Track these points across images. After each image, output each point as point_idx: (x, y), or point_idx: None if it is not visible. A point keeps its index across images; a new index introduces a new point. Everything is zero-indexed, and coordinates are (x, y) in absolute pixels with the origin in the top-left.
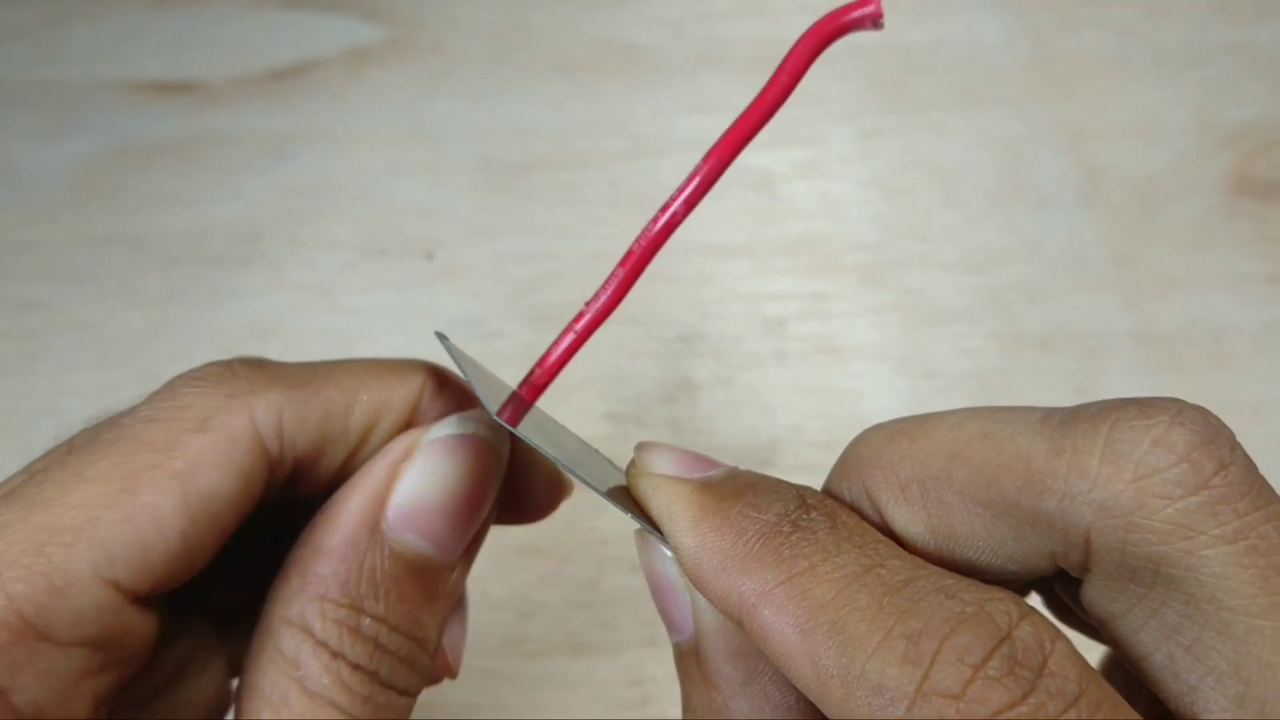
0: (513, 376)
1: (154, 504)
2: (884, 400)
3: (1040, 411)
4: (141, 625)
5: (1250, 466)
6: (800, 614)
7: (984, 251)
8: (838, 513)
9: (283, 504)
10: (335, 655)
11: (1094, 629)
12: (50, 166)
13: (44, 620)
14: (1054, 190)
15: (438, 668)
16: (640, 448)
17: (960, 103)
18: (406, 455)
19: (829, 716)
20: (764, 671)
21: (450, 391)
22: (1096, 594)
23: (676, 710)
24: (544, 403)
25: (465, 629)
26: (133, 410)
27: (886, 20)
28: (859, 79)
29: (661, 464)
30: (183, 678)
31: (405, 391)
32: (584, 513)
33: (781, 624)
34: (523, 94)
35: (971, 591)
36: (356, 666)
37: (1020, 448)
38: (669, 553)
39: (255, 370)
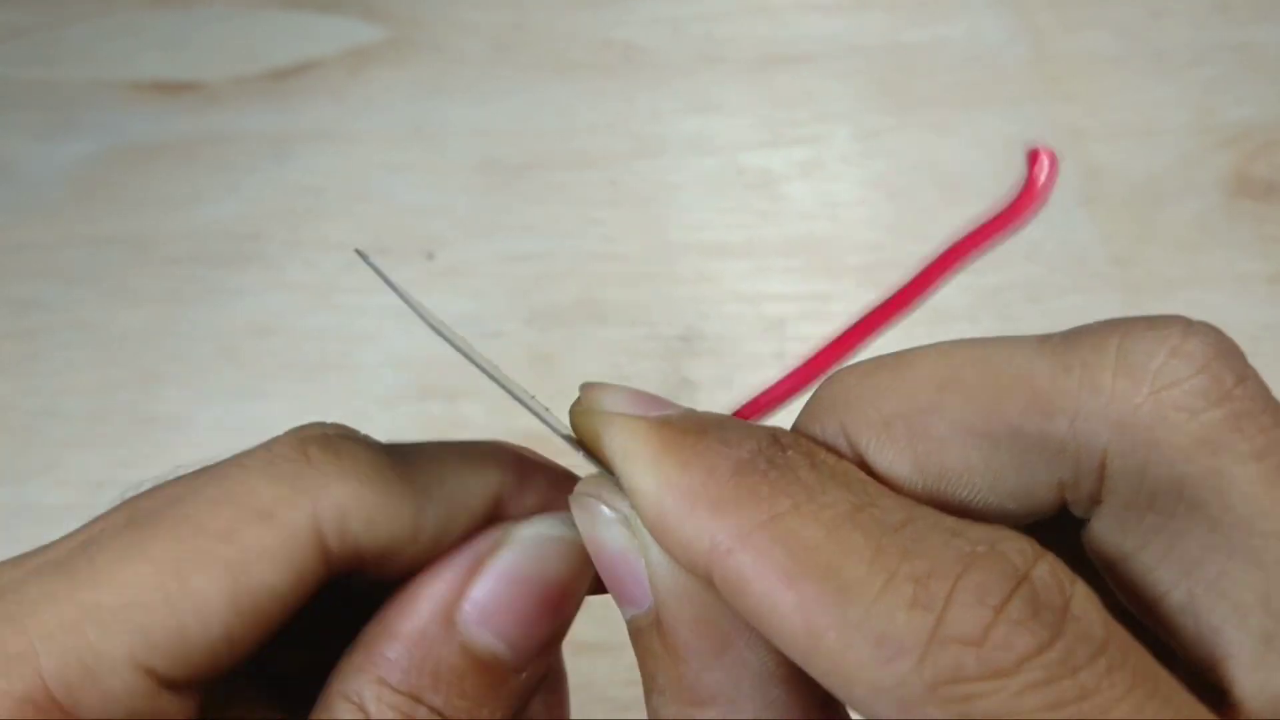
0: (513, 377)
1: (201, 592)
2: None
3: (1033, 337)
4: (173, 711)
5: (1263, 381)
6: (785, 558)
7: (984, 251)
8: (816, 451)
9: (355, 581)
10: None
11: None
12: (50, 166)
13: (71, 699)
14: (1054, 190)
15: None
16: (586, 387)
17: (960, 103)
18: (493, 550)
19: (819, 676)
20: (737, 638)
21: (536, 485)
22: (1106, 529)
23: None
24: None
25: (565, 703)
26: (199, 484)
27: (886, 20)
28: (859, 79)
29: (612, 401)
30: None
31: (482, 490)
32: None
33: (763, 571)
34: (523, 94)
35: (978, 530)
36: None
37: (1021, 368)
38: (610, 512)
39: (330, 458)
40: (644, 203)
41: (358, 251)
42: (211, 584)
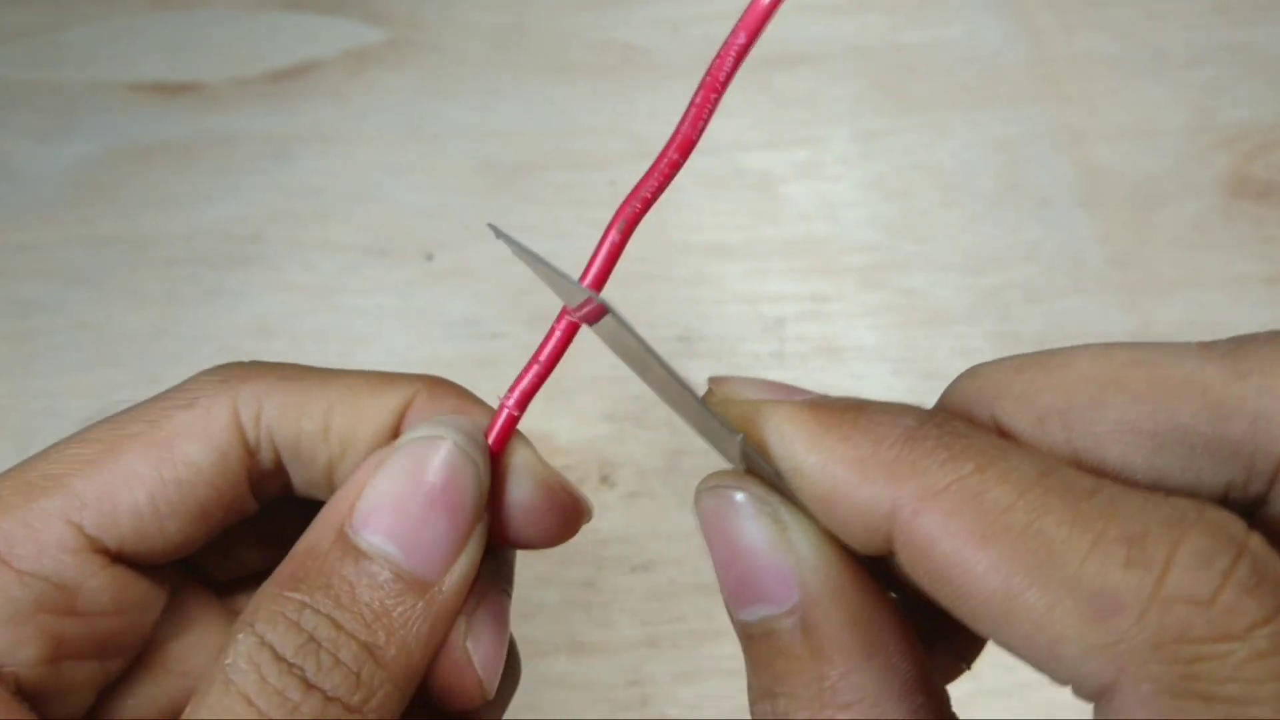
0: (511, 378)
1: (129, 463)
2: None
3: (1193, 344)
4: (108, 581)
5: None
6: (977, 518)
7: (983, 252)
8: (976, 427)
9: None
10: (262, 645)
11: None
12: (50, 167)
13: (7, 546)
14: (1053, 191)
15: (467, 685)
16: (716, 380)
17: (959, 104)
18: (381, 462)
19: (1013, 639)
20: (888, 641)
21: (445, 402)
22: (1268, 529)
23: (676, 710)
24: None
25: (503, 642)
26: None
27: (885, 22)
28: (858, 80)
29: (752, 390)
30: None
31: (392, 399)
32: None
33: (953, 531)
34: (523, 94)
35: (1179, 499)
36: (280, 658)
37: (1190, 373)
38: (750, 502)
39: (257, 365)
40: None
41: (491, 226)
42: (138, 455)
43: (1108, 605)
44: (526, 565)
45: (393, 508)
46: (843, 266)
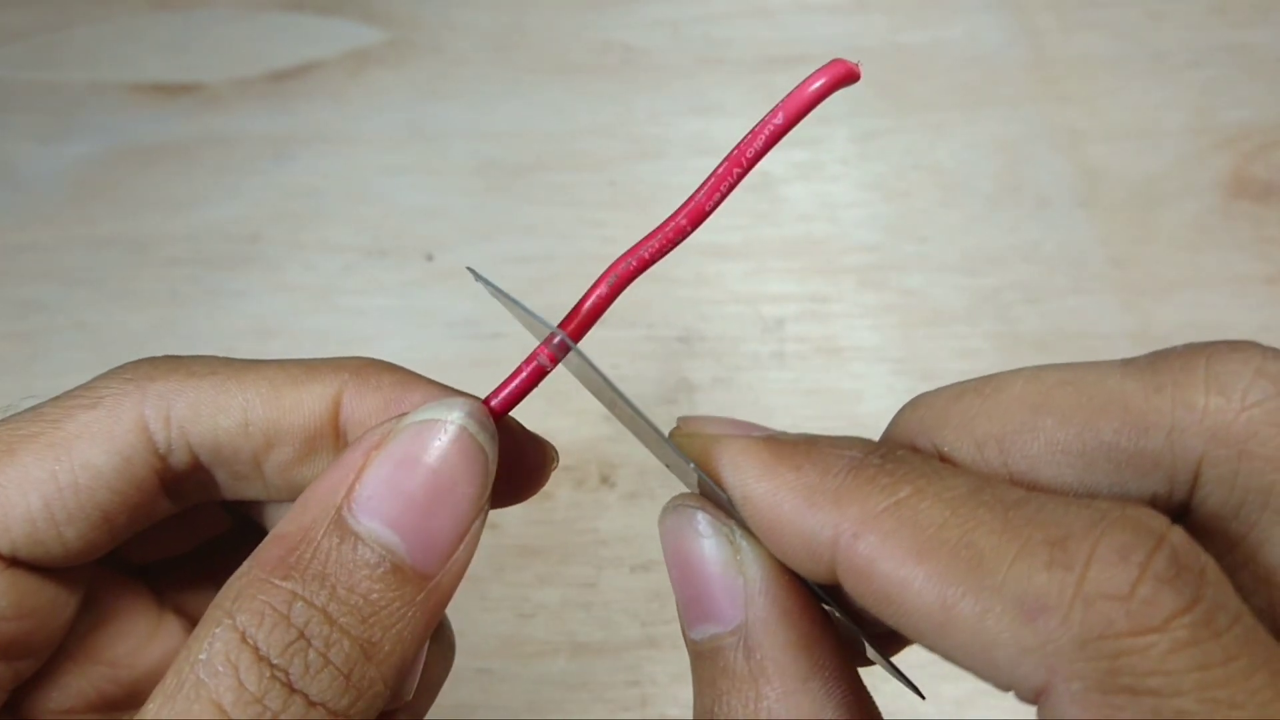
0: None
1: (24, 466)
2: (883, 401)
3: (1116, 361)
4: (5, 586)
5: None
6: (913, 536)
7: (983, 253)
8: (920, 453)
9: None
10: (243, 642)
11: None
12: (51, 168)
13: None
14: (1053, 191)
15: None
16: (684, 420)
17: (959, 104)
18: (380, 443)
19: (952, 650)
20: (826, 665)
21: (378, 380)
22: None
23: (676, 710)
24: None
25: (422, 650)
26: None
27: (885, 22)
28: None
29: (715, 427)
30: None
31: (317, 388)
32: (583, 514)
33: (890, 550)
34: (522, 95)
35: (1103, 500)
36: (262, 658)
37: (1112, 390)
38: (710, 524)
39: (169, 361)
40: (644, 204)
41: (470, 269)
42: (34, 457)
43: (1034, 607)
44: (527, 565)
45: (396, 494)
46: (842, 267)
